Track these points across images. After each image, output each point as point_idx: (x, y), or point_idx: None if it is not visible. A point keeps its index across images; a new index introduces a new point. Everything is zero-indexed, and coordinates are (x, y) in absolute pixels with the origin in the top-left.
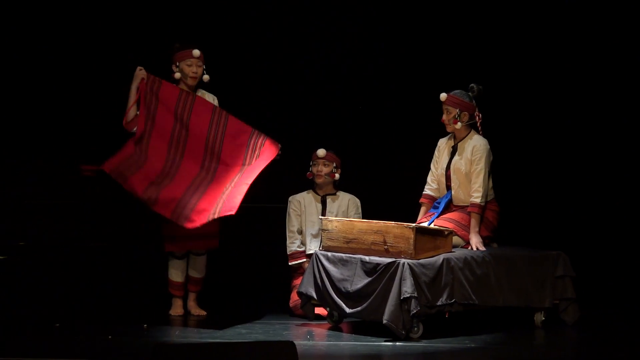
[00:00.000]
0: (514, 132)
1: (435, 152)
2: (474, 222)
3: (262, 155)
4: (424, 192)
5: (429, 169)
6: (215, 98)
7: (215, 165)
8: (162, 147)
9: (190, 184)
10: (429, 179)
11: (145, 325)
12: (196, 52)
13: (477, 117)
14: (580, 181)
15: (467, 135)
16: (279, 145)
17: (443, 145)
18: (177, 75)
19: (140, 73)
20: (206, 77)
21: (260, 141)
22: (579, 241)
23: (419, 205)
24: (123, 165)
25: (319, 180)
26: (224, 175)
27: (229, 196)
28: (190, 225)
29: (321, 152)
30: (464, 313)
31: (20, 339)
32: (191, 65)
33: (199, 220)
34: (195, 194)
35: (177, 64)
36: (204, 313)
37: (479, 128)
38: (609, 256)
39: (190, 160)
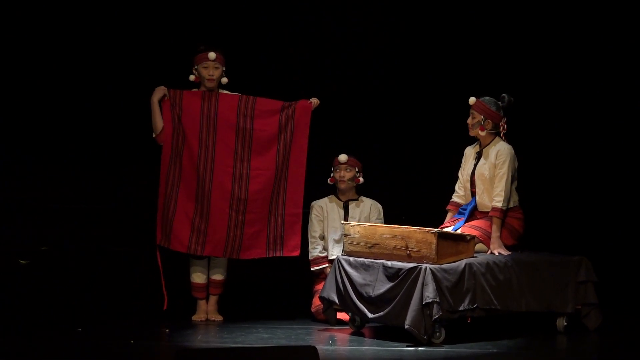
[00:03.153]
0: (537, 136)
1: (462, 159)
2: (495, 227)
3: (296, 140)
4: (451, 200)
5: (451, 173)
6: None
7: (247, 171)
8: (191, 169)
9: (228, 216)
10: (456, 187)
11: (167, 330)
12: (212, 55)
13: (502, 127)
14: (603, 186)
15: (491, 141)
16: (311, 103)
17: (469, 152)
18: (192, 77)
19: (161, 89)
20: (224, 80)
21: (290, 112)
22: (601, 246)
23: (441, 210)
24: (163, 226)
25: (342, 186)
26: (261, 183)
27: (287, 233)
28: (245, 256)
29: (343, 157)
30: (486, 318)
31: (43, 342)
32: (207, 68)
33: (256, 253)
34: (237, 227)
35: (196, 66)
36: (220, 318)
37: (503, 138)
38: (632, 261)
39: (221, 173)
